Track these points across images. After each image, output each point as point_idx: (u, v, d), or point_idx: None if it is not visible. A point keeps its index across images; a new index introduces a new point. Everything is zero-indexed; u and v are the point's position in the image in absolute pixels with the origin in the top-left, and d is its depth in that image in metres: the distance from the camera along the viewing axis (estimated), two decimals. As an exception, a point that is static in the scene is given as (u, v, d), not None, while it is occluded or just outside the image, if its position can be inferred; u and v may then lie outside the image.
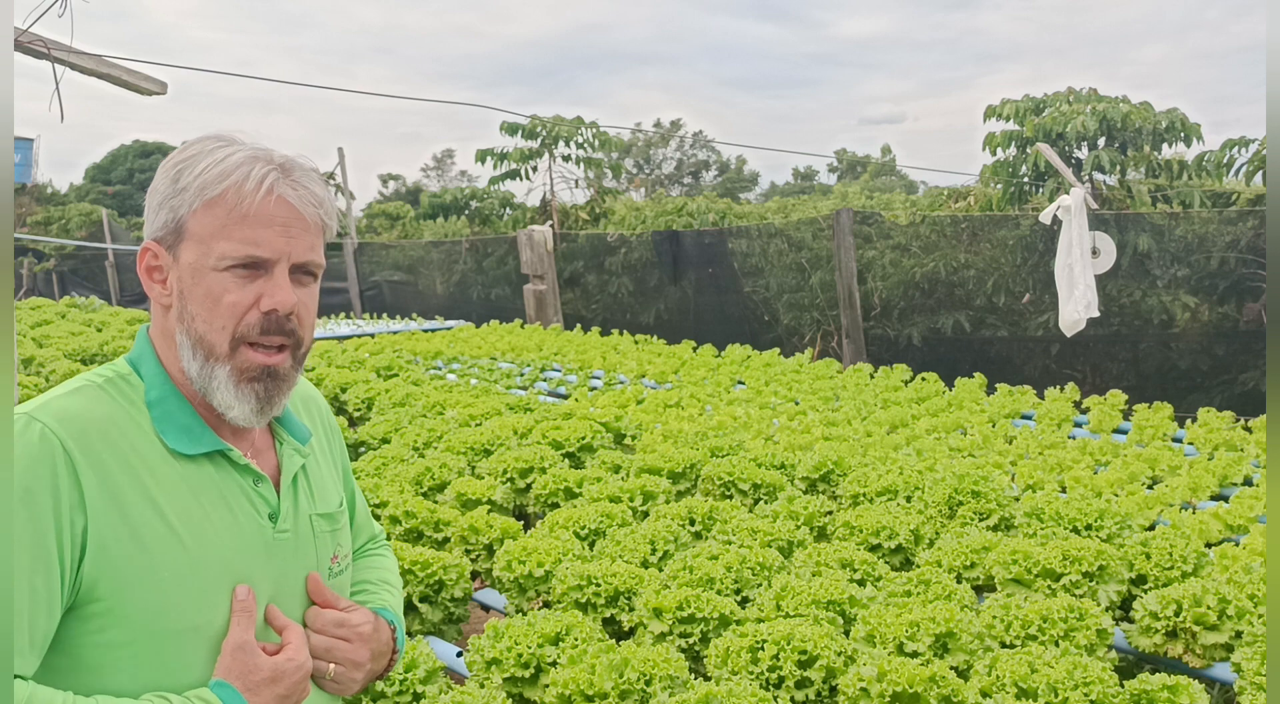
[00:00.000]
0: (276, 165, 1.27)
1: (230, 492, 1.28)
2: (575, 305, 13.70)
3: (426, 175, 50.85)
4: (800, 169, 51.72)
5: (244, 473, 1.30)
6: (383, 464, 5.30)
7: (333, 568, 1.41)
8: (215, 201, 1.23)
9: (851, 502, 4.45)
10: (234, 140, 1.29)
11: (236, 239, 1.23)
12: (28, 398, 7.13)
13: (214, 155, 1.26)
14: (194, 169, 1.25)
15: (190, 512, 1.23)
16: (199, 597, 1.21)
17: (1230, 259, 8.29)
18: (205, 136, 1.30)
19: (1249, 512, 4.23)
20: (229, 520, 1.26)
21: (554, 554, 3.68)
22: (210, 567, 1.22)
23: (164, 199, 1.26)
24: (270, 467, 1.36)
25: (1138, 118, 8.98)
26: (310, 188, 1.29)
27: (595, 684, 2.72)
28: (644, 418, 6.33)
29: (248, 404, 1.27)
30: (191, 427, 1.27)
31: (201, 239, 1.24)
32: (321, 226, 1.31)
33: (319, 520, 1.39)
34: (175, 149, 1.32)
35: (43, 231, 26.73)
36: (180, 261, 1.26)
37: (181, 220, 1.25)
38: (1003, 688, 2.66)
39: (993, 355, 9.54)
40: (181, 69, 11.85)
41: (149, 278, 1.29)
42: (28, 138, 19.32)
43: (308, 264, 1.29)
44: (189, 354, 1.26)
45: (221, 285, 1.24)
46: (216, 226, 1.23)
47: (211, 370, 1.26)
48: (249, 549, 1.27)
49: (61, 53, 4.43)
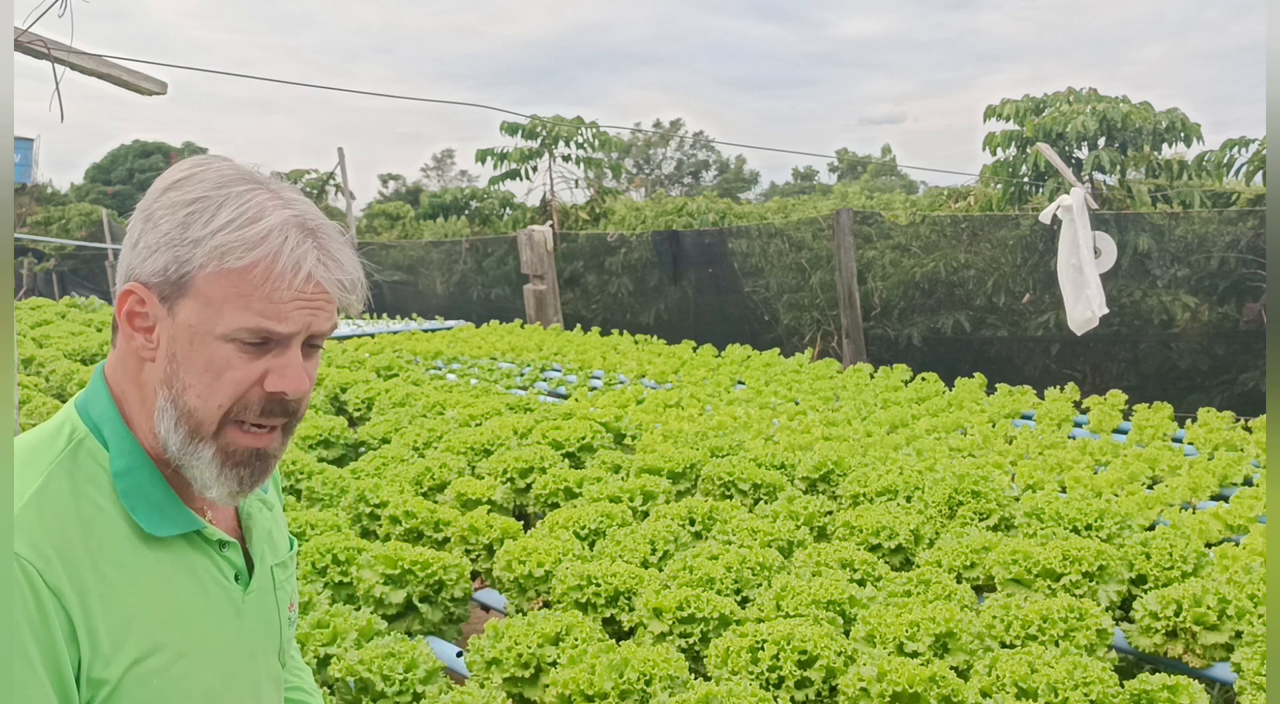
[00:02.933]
0: (310, 233, 1.11)
1: (200, 565, 1.18)
2: (575, 305, 13.71)
3: (426, 175, 50.87)
4: (800, 169, 51.77)
5: (211, 544, 1.20)
6: (383, 464, 5.30)
7: (290, 617, 1.34)
8: (238, 272, 1.07)
9: (851, 502, 4.45)
10: (254, 177, 1.13)
11: (256, 312, 1.08)
12: (28, 398, 7.13)
13: (239, 206, 1.09)
14: (212, 219, 1.08)
15: (164, 602, 1.13)
16: (191, 687, 1.14)
17: (1230, 259, 8.29)
18: (219, 167, 1.14)
19: (1249, 512, 4.23)
20: (201, 598, 1.17)
21: (554, 554, 3.68)
22: (196, 654, 1.15)
23: (166, 243, 1.09)
24: (230, 519, 1.27)
25: (1138, 118, 8.98)
26: (343, 263, 1.14)
27: (595, 684, 2.72)
28: (644, 418, 6.33)
29: (228, 486, 1.14)
30: (164, 504, 1.13)
31: (211, 303, 1.08)
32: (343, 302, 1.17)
33: (277, 570, 1.32)
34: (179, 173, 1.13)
35: (43, 231, 26.74)
36: (176, 318, 1.09)
37: (188, 277, 1.08)
38: (1003, 688, 2.66)
39: (993, 355, 9.54)
40: (181, 69, 11.86)
41: (129, 324, 1.11)
42: (28, 138, 19.32)
43: (322, 335, 1.16)
44: (169, 424, 1.11)
45: (224, 358, 1.09)
46: (234, 295, 1.07)
47: (195, 449, 1.11)
48: (222, 619, 1.20)
49: (61, 53, 4.43)
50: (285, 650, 1.34)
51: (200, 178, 1.11)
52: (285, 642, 1.33)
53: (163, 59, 52.81)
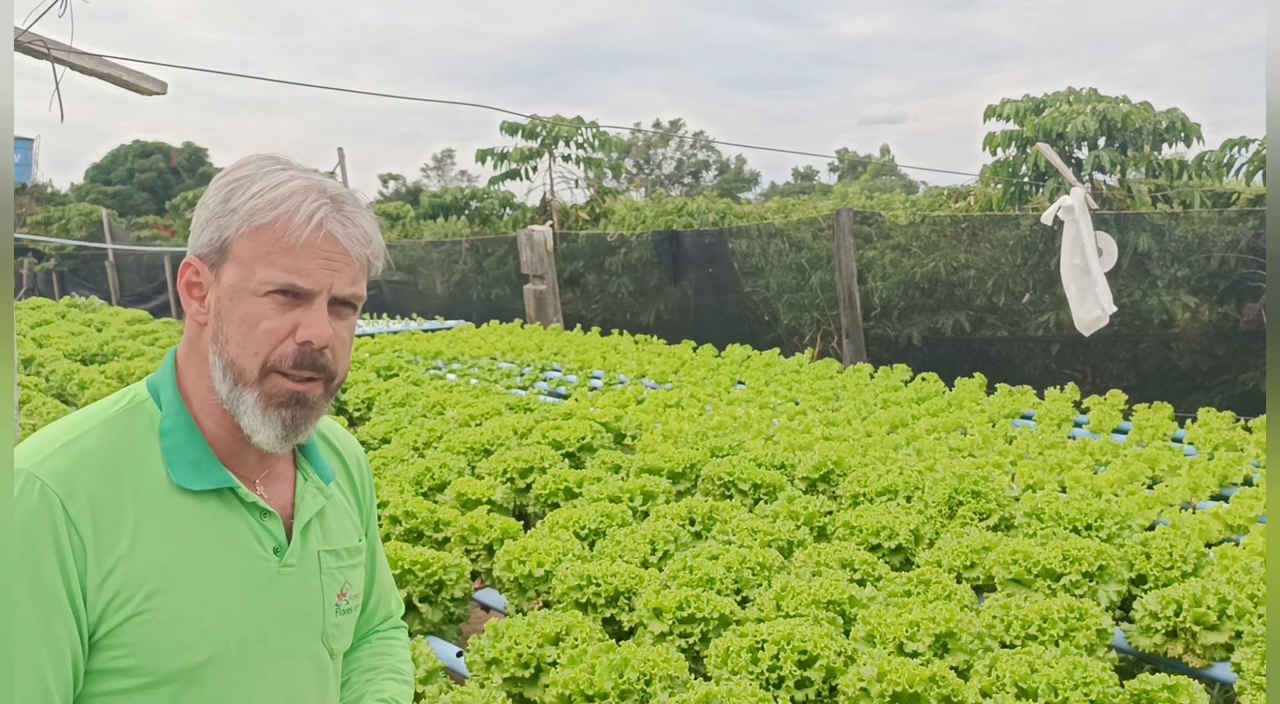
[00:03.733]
0: (329, 198, 1.25)
1: (234, 526, 1.27)
2: (575, 305, 13.71)
3: (426, 175, 50.87)
4: (800, 169, 51.75)
5: (250, 509, 1.29)
6: (383, 464, 5.30)
7: (340, 606, 1.39)
8: (263, 228, 1.22)
9: (851, 502, 4.45)
10: (289, 164, 1.28)
11: (280, 266, 1.22)
12: (28, 399, 7.13)
13: (268, 179, 1.25)
14: (246, 191, 1.24)
15: (187, 550, 1.22)
16: (197, 636, 1.21)
17: (1230, 259, 8.29)
18: (261, 157, 1.29)
19: (1249, 512, 4.23)
20: (228, 557, 1.25)
21: (554, 554, 3.68)
22: (209, 604, 1.22)
23: (212, 216, 1.25)
24: (285, 498, 1.36)
25: (1138, 118, 8.98)
26: (361, 225, 1.28)
27: (595, 684, 2.72)
28: (644, 418, 6.33)
29: (273, 429, 1.26)
30: (200, 460, 1.25)
31: (244, 262, 1.23)
32: (366, 264, 1.30)
33: (327, 556, 1.38)
34: (230, 166, 1.30)
35: (43, 231, 26.74)
36: (221, 281, 1.24)
37: (227, 241, 1.24)
38: (1003, 688, 2.66)
39: (993, 355, 9.54)
40: (181, 69, 11.86)
41: (188, 293, 1.28)
42: (28, 138, 19.30)
43: (347, 298, 1.28)
44: (220, 375, 1.25)
45: (259, 311, 1.23)
46: (261, 252, 1.22)
47: (240, 394, 1.24)
48: (248, 584, 1.26)
49: (61, 53, 4.43)
50: (333, 637, 1.39)
51: (240, 165, 1.28)
52: (331, 627, 1.38)
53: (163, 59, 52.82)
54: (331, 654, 1.40)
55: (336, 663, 1.43)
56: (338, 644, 1.41)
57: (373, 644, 1.59)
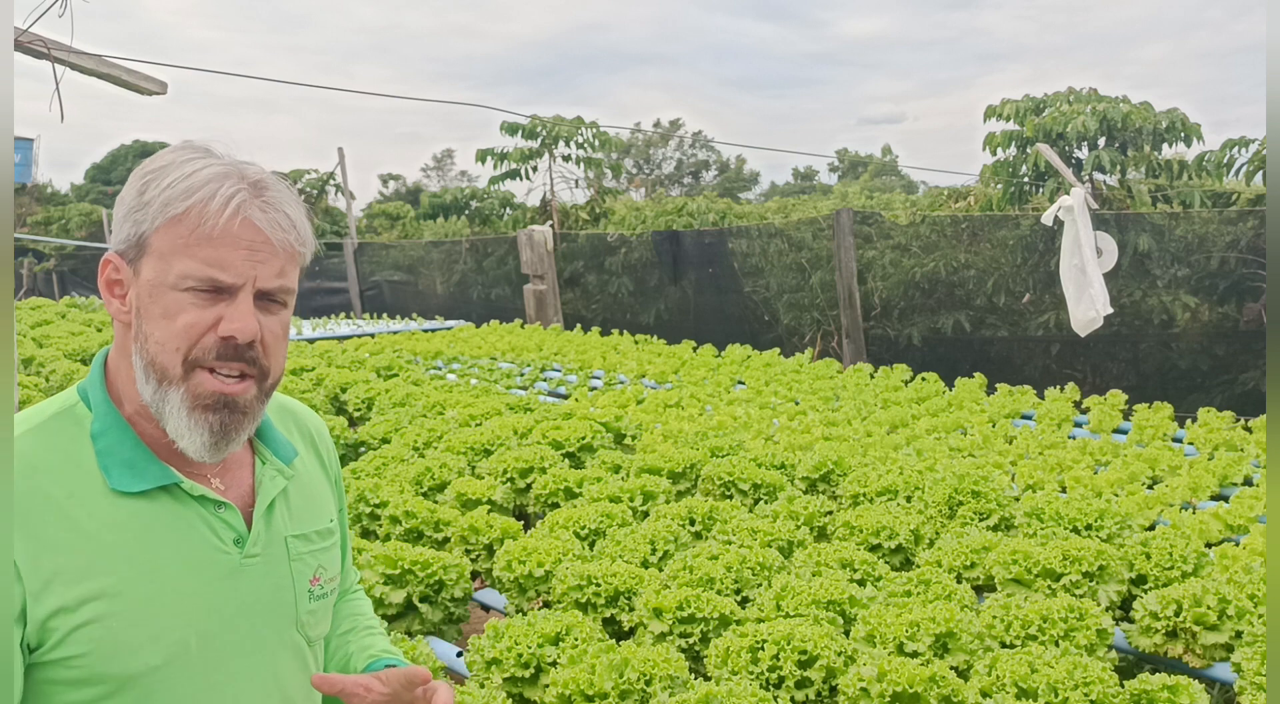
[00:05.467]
0: (248, 184, 1.19)
1: (184, 522, 1.21)
2: (575, 305, 13.71)
3: (426, 175, 50.90)
4: (800, 169, 51.77)
5: (201, 502, 1.23)
6: (383, 464, 5.30)
7: (313, 591, 1.34)
8: (178, 219, 1.16)
9: (851, 502, 4.45)
10: (209, 151, 1.22)
11: (199, 259, 1.15)
12: (28, 399, 7.13)
13: (183, 168, 1.18)
14: (161, 182, 1.18)
15: (133, 551, 1.17)
16: (150, 637, 1.16)
17: (1230, 259, 8.29)
18: (179, 146, 1.23)
19: (1249, 512, 4.23)
20: (180, 553, 1.20)
21: (554, 554, 3.68)
22: (161, 604, 1.17)
23: (129, 210, 1.19)
24: (244, 486, 1.30)
25: (1138, 118, 8.98)
26: (284, 210, 1.20)
27: (595, 684, 2.72)
28: (644, 418, 6.33)
29: (200, 435, 1.18)
30: (134, 461, 1.19)
31: (162, 255, 1.17)
32: (293, 254, 1.22)
33: (295, 541, 1.33)
34: (150, 157, 1.24)
35: (43, 231, 26.75)
36: (140, 277, 1.18)
37: (144, 235, 1.18)
38: (1003, 688, 2.66)
39: (993, 355, 9.54)
40: (181, 69, 11.86)
41: (109, 292, 1.22)
42: (28, 138, 19.33)
43: (275, 291, 1.20)
44: (142, 376, 1.19)
45: (179, 305, 1.16)
46: (178, 244, 1.16)
47: (164, 395, 1.18)
48: (205, 578, 1.21)
49: (61, 53, 4.44)
50: (308, 624, 1.34)
51: (158, 156, 1.22)
52: (306, 614, 1.33)
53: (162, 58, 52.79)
54: (310, 641, 1.36)
55: (317, 649, 1.38)
56: (315, 631, 1.37)
57: (338, 608, 1.57)
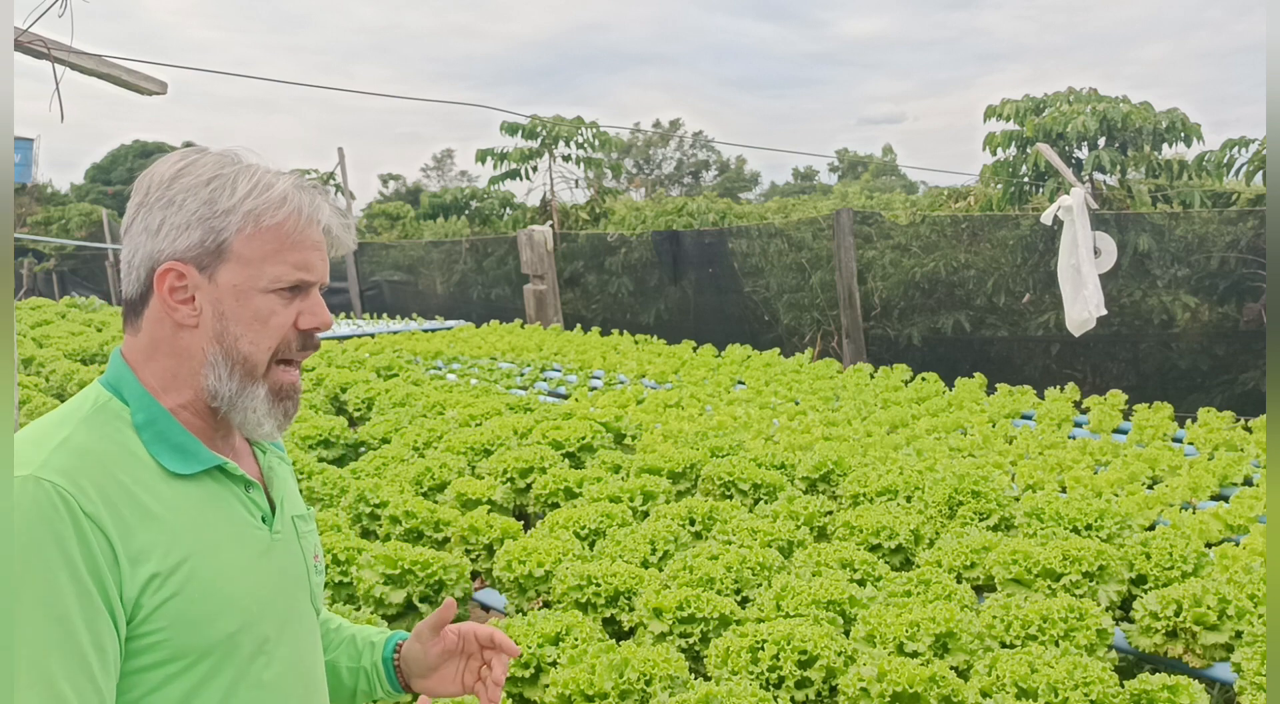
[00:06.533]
0: (313, 191, 1.33)
1: (228, 502, 1.31)
2: (575, 305, 13.71)
3: (426, 175, 50.87)
4: (800, 169, 51.75)
5: (238, 482, 1.33)
6: (383, 464, 5.30)
7: (316, 567, 1.46)
8: (273, 227, 1.27)
9: (851, 502, 4.45)
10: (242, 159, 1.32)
11: (289, 263, 1.28)
12: (28, 399, 7.13)
13: (251, 179, 1.28)
14: (234, 192, 1.26)
15: (198, 527, 1.26)
16: (226, 605, 1.25)
17: (1230, 259, 8.29)
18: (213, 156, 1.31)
19: (1249, 512, 4.23)
20: (232, 530, 1.30)
21: (554, 554, 3.68)
22: (227, 577, 1.26)
23: (199, 219, 1.26)
24: (252, 472, 1.40)
25: (1138, 118, 8.98)
26: (343, 211, 1.37)
27: (595, 684, 2.72)
28: (644, 418, 6.33)
29: (275, 420, 1.33)
30: (185, 445, 1.28)
31: (250, 262, 1.27)
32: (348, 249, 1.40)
33: (299, 521, 1.45)
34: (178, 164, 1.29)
35: (43, 231, 26.75)
36: (219, 282, 1.27)
37: (226, 242, 1.26)
38: (1003, 688, 2.66)
39: (993, 355, 9.54)
40: (181, 69, 11.85)
41: (170, 298, 1.28)
42: (28, 138, 19.31)
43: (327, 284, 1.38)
44: (224, 372, 1.29)
45: (269, 307, 1.28)
46: (269, 251, 1.27)
47: (251, 390, 1.30)
48: (253, 554, 1.31)
49: (61, 53, 4.43)
50: (317, 597, 1.46)
51: (201, 163, 1.29)
52: (316, 588, 1.45)
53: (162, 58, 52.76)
54: (318, 613, 1.49)
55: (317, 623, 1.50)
56: (319, 603, 1.49)
57: None
